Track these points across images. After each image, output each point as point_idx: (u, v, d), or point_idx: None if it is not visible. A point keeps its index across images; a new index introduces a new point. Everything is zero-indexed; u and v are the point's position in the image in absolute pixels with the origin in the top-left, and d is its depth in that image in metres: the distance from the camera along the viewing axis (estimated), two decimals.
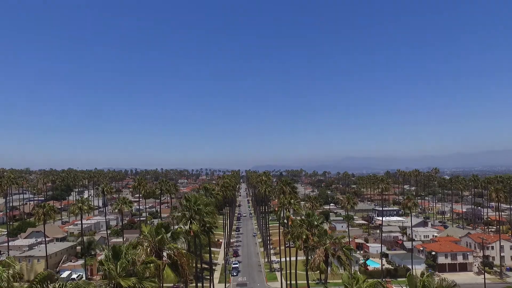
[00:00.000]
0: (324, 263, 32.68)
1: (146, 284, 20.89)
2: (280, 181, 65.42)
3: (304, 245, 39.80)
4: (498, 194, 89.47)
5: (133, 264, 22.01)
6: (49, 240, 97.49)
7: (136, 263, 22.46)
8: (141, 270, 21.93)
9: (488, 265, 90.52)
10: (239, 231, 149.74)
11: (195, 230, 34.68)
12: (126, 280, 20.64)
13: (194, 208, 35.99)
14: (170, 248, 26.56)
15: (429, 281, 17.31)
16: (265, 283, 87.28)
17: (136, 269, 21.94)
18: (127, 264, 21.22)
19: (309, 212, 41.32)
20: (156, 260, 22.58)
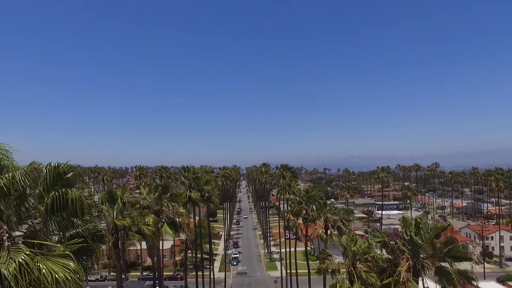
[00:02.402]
0: (324, 234, 32.97)
1: (142, 226, 21.18)
2: (281, 166, 65.71)
3: (304, 217, 40.06)
4: (498, 183, 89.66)
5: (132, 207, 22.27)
6: None
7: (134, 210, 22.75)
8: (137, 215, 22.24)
9: (487, 255, 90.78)
10: (239, 225, 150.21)
11: (194, 198, 35.01)
12: (122, 220, 20.94)
13: (193, 176, 36.35)
14: (168, 206, 26.89)
15: (423, 221, 17.58)
16: (265, 272, 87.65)
17: (133, 213, 22.24)
18: (122, 207, 21.50)
19: (308, 189, 41.65)
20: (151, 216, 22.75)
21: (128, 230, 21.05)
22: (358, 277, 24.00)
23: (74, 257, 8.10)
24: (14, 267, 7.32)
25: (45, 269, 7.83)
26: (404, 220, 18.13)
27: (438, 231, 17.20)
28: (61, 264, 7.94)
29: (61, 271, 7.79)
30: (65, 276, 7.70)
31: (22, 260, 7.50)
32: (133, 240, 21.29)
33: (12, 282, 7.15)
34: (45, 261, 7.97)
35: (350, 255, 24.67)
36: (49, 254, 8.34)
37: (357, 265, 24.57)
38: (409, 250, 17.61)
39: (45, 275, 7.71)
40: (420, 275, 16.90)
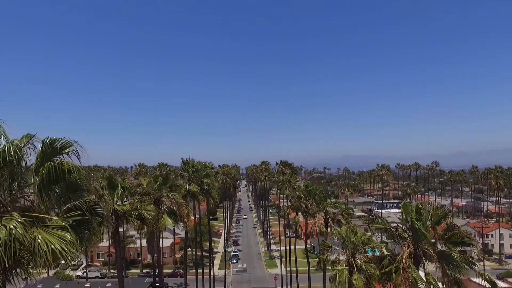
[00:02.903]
0: (324, 227, 32.89)
1: (142, 211, 21.09)
2: (280, 163, 65.56)
3: (304, 210, 39.94)
4: (498, 181, 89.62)
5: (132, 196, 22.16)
6: None
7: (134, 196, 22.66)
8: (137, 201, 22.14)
9: (487, 252, 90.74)
10: (239, 223, 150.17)
11: (193, 191, 34.88)
12: (122, 205, 20.82)
13: (192, 169, 36.18)
14: (167, 196, 26.79)
15: (424, 207, 17.46)
16: (265, 269, 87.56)
17: (133, 200, 22.15)
18: (122, 193, 21.39)
19: (307, 183, 41.50)
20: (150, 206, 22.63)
21: (129, 215, 20.96)
22: (357, 268, 23.92)
23: (71, 229, 7.97)
24: (5, 234, 7.19)
25: (40, 239, 7.72)
26: (404, 206, 18.02)
27: (439, 217, 17.09)
28: (57, 236, 7.83)
29: (57, 242, 7.67)
30: (61, 247, 7.58)
31: (13, 227, 7.37)
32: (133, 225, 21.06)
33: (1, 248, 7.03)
34: (40, 231, 7.86)
35: (349, 246, 24.59)
36: (45, 225, 8.22)
37: (356, 256, 24.49)
38: (410, 237, 17.51)
39: (40, 245, 7.59)
40: (421, 261, 16.80)
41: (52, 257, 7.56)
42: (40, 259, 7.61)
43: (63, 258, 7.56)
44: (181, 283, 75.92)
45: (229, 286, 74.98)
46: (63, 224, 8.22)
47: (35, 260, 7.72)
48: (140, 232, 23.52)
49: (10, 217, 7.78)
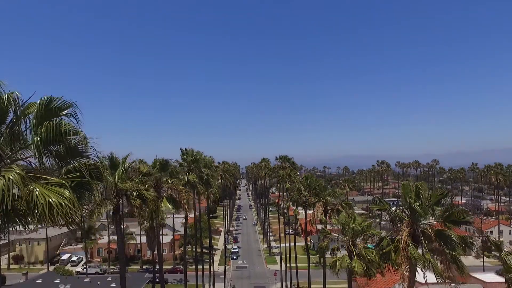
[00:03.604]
0: (323, 216, 32.96)
1: (143, 190, 21.10)
2: (280, 157, 65.48)
3: (304, 201, 39.94)
4: (498, 177, 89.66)
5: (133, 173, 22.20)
6: (49, 226, 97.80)
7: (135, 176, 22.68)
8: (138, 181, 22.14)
9: (487, 249, 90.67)
10: (239, 221, 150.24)
11: (192, 180, 34.79)
12: (123, 184, 20.84)
13: (191, 159, 36.04)
14: (167, 182, 26.81)
15: (423, 187, 17.47)
16: (265, 265, 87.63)
17: (134, 179, 22.15)
18: (124, 172, 21.38)
19: (307, 175, 41.46)
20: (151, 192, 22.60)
21: (130, 194, 20.97)
22: (357, 254, 23.98)
23: (70, 188, 7.97)
24: (3, 183, 7.21)
25: (38, 192, 7.72)
26: (404, 186, 18.01)
27: (438, 197, 17.09)
28: (56, 192, 7.82)
29: (54, 197, 7.67)
30: (58, 202, 7.58)
31: (12, 177, 7.39)
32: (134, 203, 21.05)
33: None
34: (38, 186, 7.86)
35: (349, 232, 24.63)
36: (43, 182, 8.23)
37: (356, 242, 24.54)
38: (408, 217, 17.54)
39: (37, 197, 7.60)
40: (419, 241, 16.83)
41: (49, 211, 7.55)
42: (37, 211, 7.61)
43: (60, 213, 7.56)
44: (181, 279, 75.96)
45: (229, 282, 75.01)
46: (61, 182, 8.24)
47: (33, 212, 7.72)
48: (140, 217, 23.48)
49: (9, 169, 7.80)
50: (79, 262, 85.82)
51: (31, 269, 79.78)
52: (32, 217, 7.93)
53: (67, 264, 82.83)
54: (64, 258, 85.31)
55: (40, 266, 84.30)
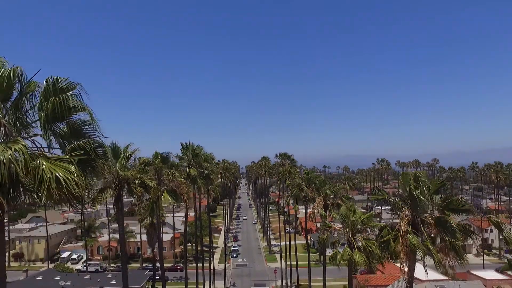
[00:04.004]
0: (323, 210, 33.06)
1: (145, 178, 21.19)
2: (280, 155, 65.53)
3: (303, 196, 40.03)
4: (498, 175, 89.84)
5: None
6: (49, 224, 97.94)
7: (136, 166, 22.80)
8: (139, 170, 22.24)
9: (487, 247, 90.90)
10: (239, 220, 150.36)
11: (193, 175, 34.84)
12: (126, 172, 20.93)
13: (191, 153, 36.03)
14: (168, 174, 26.90)
15: (422, 175, 17.56)
16: (265, 263, 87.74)
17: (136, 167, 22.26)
18: (126, 161, 21.46)
19: (308, 171, 41.56)
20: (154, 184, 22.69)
21: (132, 182, 21.05)
22: (357, 246, 24.09)
23: (75, 163, 8.08)
24: (10, 154, 7.30)
25: (45, 165, 7.83)
26: (404, 175, 18.11)
27: (437, 186, 17.20)
28: (62, 167, 7.93)
29: (61, 171, 7.78)
30: (65, 176, 7.68)
31: (19, 148, 7.49)
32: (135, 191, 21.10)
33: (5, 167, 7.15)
34: (45, 160, 7.97)
35: (349, 224, 24.75)
36: (49, 157, 8.34)
37: (356, 234, 24.66)
38: (408, 205, 17.65)
39: (44, 172, 7.71)
40: (419, 229, 16.94)
41: (57, 185, 7.66)
42: (44, 184, 7.71)
43: (68, 187, 7.66)
44: (181, 276, 76.11)
45: (229, 280, 75.12)
46: (67, 157, 8.35)
47: (40, 186, 7.82)
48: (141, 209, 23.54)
49: (15, 141, 7.90)
50: (79, 260, 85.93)
51: (31, 266, 79.87)
52: (40, 192, 8.02)
53: (67, 262, 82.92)
54: (64, 256, 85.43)
55: (40, 264, 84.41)
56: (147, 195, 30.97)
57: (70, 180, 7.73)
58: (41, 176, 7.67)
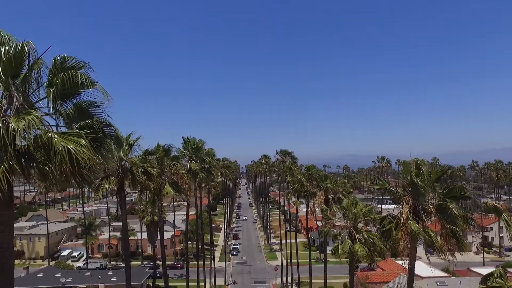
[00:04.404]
0: (325, 204, 33.22)
1: (148, 166, 21.33)
2: (280, 152, 65.62)
3: (304, 190, 40.15)
4: (498, 173, 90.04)
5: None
6: (49, 222, 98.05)
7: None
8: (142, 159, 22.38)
9: (487, 245, 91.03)
10: (239, 218, 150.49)
11: (194, 168, 34.89)
12: (130, 159, 21.08)
13: (193, 147, 36.06)
14: (170, 166, 27.03)
15: (424, 163, 17.70)
16: (265, 261, 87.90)
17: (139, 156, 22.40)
18: (128, 149, 21.59)
19: (309, 166, 41.74)
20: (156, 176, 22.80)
21: (135, 170, 21.17)
22: (359, 239, 24.24)
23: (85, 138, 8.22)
24: (23, 124, 7.46)
25: (57, 138, 7.98)
26: (404, 164, 18.24)
27: (438, 174, 17.33)
28: (73, 140, 8.08)
29: (73, 145, 7.94)
30: (76, 148, 7.83)
31: (32, 119, 7.65)
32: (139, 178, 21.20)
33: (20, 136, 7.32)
34: (56, 134, 8.11)
35: (351, 216, 24.90)
36: (60, 132, 8.48)
37: (358, 226, 24.81)
38: (409, 192, 17.77)
39: (56, 144, 7.86)
40: (420, 217, 17.07)
41: (69, 157, 7.81)
42: (56, 157, 7.85)
43: (80, 160, 7.81)
44: (182, 274, 76.19)
45: (230, 277, 75.27)
46: (77, 131, 8.49)
47: (52, 159, 7.96)
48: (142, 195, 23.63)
49: (28, 112, 8.05)
50: (79, 258, 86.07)
51: (32, 264, 79.96)
52: (52, 165, 8.16)
53: (67, 260, 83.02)
54: (64, 254, 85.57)
55: (40, 262, 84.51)
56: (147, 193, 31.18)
57: (81, 153, 7.88)
58: (53, 148, 7.82)
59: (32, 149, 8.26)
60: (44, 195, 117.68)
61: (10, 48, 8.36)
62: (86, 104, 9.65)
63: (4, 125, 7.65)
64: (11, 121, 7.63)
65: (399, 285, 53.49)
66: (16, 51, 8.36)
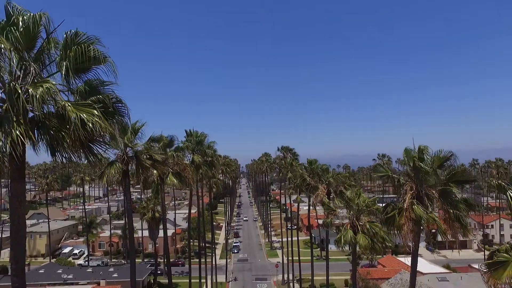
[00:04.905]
0: (326, 198, 33.34)
1: (152, 152, 21.43)
2: (282, 148, 65.73)
3: (306, 183, 40.24)
4: (499, 170, 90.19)
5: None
6: (50, 220, 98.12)
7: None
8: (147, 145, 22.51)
9: (487, 243, 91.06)
10: (240, 217, 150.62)
11: (197, 161, 34.99)
12: (135, 144, 21.21)
13: (195, 140, 36.17)
14: (172, 157, 27.13)
15: (427, 149, 17.75)
16: (266, 258, 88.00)
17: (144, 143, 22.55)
18: (134, 136, 21.68)
19: (311, 160, 41.83)
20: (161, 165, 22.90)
21: (140, 155, 21.25)
22: (362, 230, 24.36)
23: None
24: (41, 90, 7.64)
25: (70, 107, 8.14)
26: (407, 151, 18.29)
27: (441, 161, 17.42)
28: (86, 110, 8.25)
29: (86, 114, 8.10)
30: (89, 118, 8.00)
31: (49, 86, 7.81)
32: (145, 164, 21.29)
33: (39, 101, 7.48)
34: (70, 103, 8.28)
35: (354, 207, 25.03)
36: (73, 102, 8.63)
37: (361, 217, 24.94)
38: (412, 178, 17.88)
39: (70, 112, 8.02)
40: (424, 202, 17.19)
41: (81, 125, 7.96)
42: (70, 124, 8.00)
43: (92, 127, 7.96)
44: (183, 271, 76.33)
45: (231, 274, 75.39)
46: (90, 102, 8.64)
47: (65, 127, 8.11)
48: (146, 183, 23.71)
49: (45, 80, 8.21)
50: (80, 256, 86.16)
51: (33, 262, 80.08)
52: (65, 133, 8.31)
53: (68, 257, 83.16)
54: (65, 252, 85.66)
55: (41, 259, 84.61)
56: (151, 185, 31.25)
57: (94, 122, 8.04)
58: (67, 116, 7.98)
59: (46, 117, 8.40)
60: (45, 194, 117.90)
61: (27, 18, 8.49)
62: (96, 82, 9.79)
63: (22, 92, 7.79)
64: (29, 87, 7.79)
65: (400, 281, 53.60)
66: (33, 21, 8.49)
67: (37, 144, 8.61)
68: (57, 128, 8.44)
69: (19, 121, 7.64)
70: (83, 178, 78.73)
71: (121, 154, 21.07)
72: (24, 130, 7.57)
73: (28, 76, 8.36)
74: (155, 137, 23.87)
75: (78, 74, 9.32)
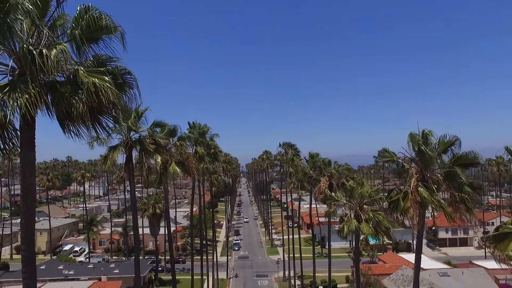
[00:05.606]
0: (328, 190, 33.35)
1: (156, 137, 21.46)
2: (283, 144, 65.69)
3: (308, 176, 40.24)
4: (500, 167, 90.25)
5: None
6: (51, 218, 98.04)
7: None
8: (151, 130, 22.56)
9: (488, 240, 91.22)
10: (240, 215, 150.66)
11: (200, 152, 34.94)
12: (138, 127, 21.22)
13: (198, 131, 36.16)
14: (176, 145, 27.13)
15: (431, 133, 17.75)
16: (267, 256, 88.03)
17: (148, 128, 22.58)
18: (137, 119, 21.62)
19: (312, 154, 41.78)
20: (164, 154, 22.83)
21: (144, 140, 21.23)
22: (365, 219, 24.39)
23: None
24: (55, 52, 7.72)
25: (83, 71, 8.20)
26: (411, 136, 18.26)
27: (445, 146, 17.44)
28: (97, 76, 8.32)
29: (98, 79, 8.16)
30: (100, 83, 8.05)
31: (63, 48, 7.89)
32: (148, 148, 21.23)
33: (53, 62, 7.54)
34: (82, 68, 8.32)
35: (357, 196, 25.06)
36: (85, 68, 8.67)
37: (364, 206, 24.96)
38: (417, 162, 17.90)
39: (82, 77, 8.08)
40: (429, 186, 17.21)
41: (93, 86, 8.02)
42: (83, 88, 8.06)
43: (103, 93, 8.01)
44: (183, 268, 76.42)
45: (231, 271, 75.44)
46: (101, 69, 8.68)
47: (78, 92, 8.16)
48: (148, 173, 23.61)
49: (58, 43, 8.28)
50: (81, 253, 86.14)
51: None
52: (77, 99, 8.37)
53: (69, 254, 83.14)
54: (66, 249, 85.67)
55: (42, 256, 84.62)
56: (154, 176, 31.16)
57: (105, 88, 8.09)
58: (79, 81, 8.03)
59: (59, 82, 8.44)
60: (46, 192, 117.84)
61: None
62: (104, 57, 9.84)
63: (37, 52, 7.84)
64: (43, 48, 7.84)
65: (401, 277, 53.61)
66: None
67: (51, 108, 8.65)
68: (70, 93, 8.49)
69: (34, 83, 7.69)
70: (83, 175, 78.63)
71: (125, 139, 21.06)
72: (37, 92, 7.62)
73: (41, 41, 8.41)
74: (158, 122, 23.83)
75: (89, 44, 9.37)
